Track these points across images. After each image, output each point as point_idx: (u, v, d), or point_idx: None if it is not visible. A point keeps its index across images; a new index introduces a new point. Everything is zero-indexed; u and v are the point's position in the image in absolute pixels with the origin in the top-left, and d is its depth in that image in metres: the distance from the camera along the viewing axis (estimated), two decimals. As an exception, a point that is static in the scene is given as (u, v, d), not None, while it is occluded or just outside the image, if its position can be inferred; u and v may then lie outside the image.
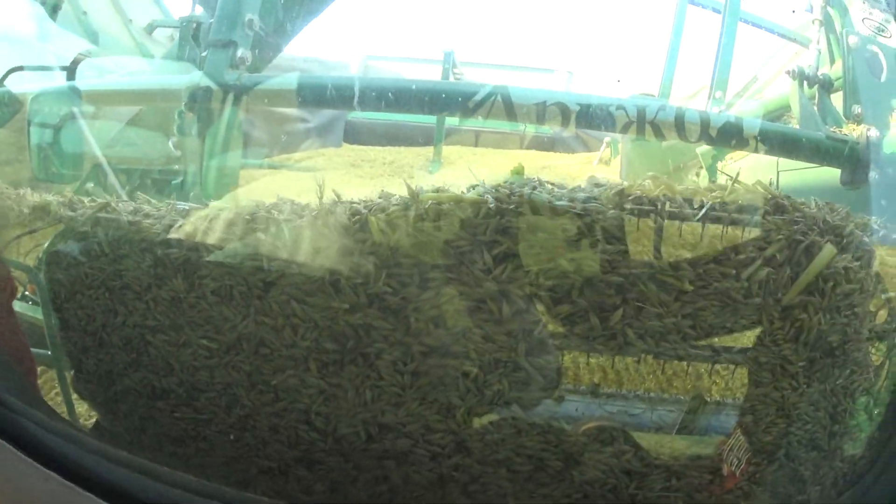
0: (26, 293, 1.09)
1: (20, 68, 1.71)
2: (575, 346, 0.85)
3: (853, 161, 1.21)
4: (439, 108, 1.37)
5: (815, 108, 1.30)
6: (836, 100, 1.33)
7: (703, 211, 0.80)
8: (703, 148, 1.53)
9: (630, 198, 0.77)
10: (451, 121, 1.94)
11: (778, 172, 1.25)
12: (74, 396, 1.03)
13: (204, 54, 1.25)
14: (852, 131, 1.26)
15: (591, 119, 1.17)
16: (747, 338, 0.88)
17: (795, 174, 1.24)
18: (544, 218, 0.77)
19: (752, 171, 1.28)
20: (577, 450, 0.82)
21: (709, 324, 0.83)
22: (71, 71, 1.76)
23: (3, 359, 1.02)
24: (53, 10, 1.74)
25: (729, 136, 1.13)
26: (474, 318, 0.79)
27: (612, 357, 0.86)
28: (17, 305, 1.16)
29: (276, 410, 0.85)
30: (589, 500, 0.82)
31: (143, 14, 2.19)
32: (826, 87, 1.34)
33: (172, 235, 0.87)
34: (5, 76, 1.70)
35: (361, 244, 0.79)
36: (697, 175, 1.55)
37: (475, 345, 0.79)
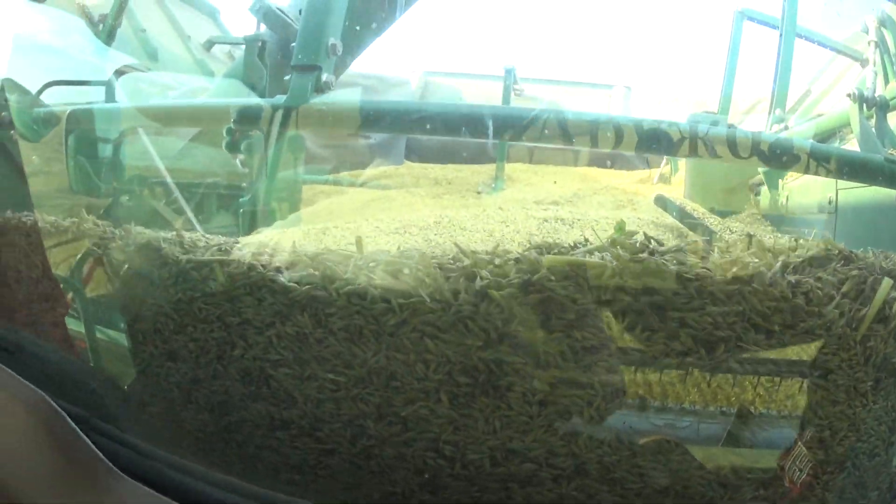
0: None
1: (56, 83, 1.66)
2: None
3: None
4: (493, 132, 1.43)
5: (874, 129, 1.38)
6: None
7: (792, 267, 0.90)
8: (765, 165, 1.60)
9: (736, 267, 0.85)
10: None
11: (837, 191, 1.36)
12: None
13: (287, 78, 1.26)
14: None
15: (644, 140, 1.25)
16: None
17: (852, 192, 1.34)
18: (658, 280, 0.84)
19: (809, 188, 1.39)
20: (684, 465, 0.90)
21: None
22: (110, 86, 1.72)
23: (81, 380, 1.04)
24: (109, 36, 1.69)
25: (781, 157, 1.21)
26: (595, 356, 0.86)
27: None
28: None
29: (405, 440, 0.90)
30: (692, 512, 0.91)
31: (201, 31, 2.15)
32: (883, 108, 1.42)
33: (293, 280, 0.90)
34: (41, 91, 1.66)
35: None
36: (758, 193, 1.64)
37: (597, 377, 0.86)
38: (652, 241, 0.90)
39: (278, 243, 0.98)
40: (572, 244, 0.92)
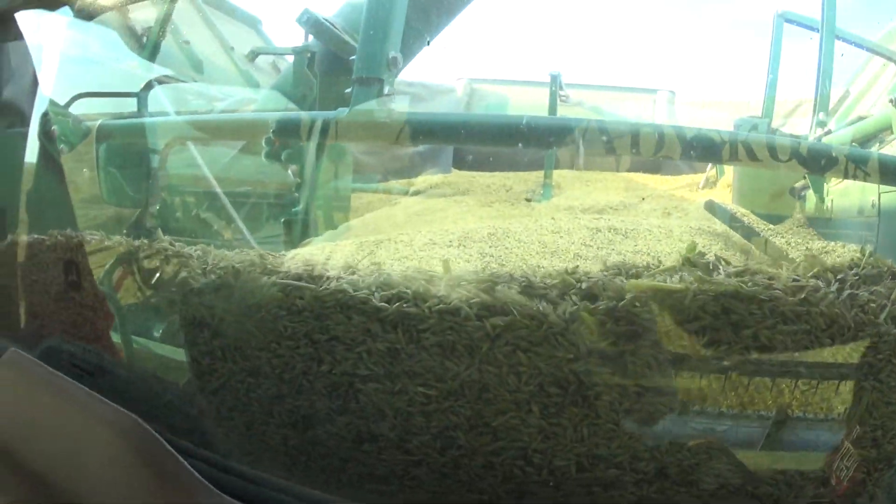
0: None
1: (84, 95, 1.64)
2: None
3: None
4: (537, 142, 1.47)
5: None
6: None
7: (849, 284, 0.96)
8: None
9: (805, 290, 0.90)
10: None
11: (879, 194, 1.42)
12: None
13: (348, 91, 1.28)
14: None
15: (686, 146, 1.30)
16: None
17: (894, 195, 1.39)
18: (735, 302, 0.90)
19: (850, 192, 1.44)
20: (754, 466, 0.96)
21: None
22: (142, 97, 1.71)
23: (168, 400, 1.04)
24: (153, 50, 1.68)
25: (820, 160, 1.27)
26: (675, 367, 0.91)
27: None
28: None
29: (494, 449, 0.93)
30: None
31: (243, 42, 2.13)
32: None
33: (384, 299, 0.93)
34: (70, 102, 1.64)
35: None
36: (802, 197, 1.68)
37: (678, 386, 0.91)
38: (721, 261, 0.95)
39: (358, 262, 1.01)
40: (645, 265, 0.97)
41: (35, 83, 1.49)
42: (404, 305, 0.92)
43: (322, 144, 1.34)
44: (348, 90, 1.28)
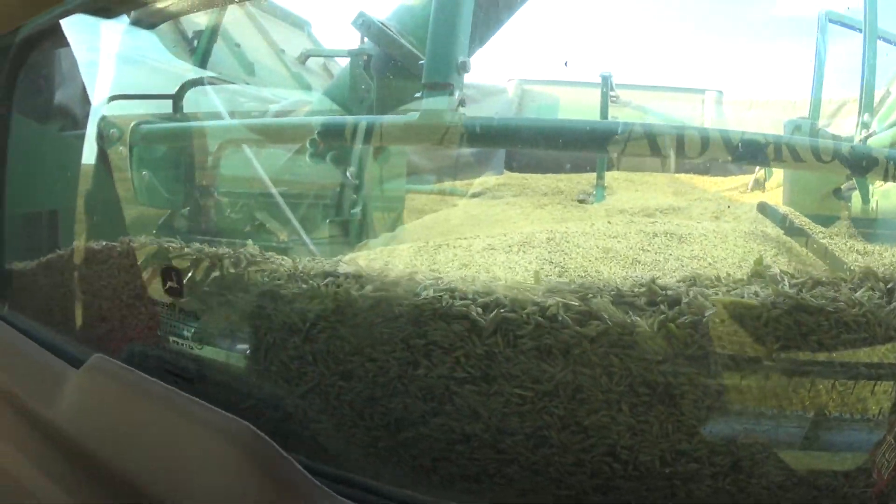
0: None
1: (120, 97, 1.63)
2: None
3: None
4: (584, 146, 1.53)
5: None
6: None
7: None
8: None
9: (864, 302, 0.99)
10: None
11: None
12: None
13: (418, 95, 1.31)
14: None
15: (731, 149, 1.37)
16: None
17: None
18: (805, 315, 0.98)
19: (891, 193, 1.52)
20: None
21: None
22: (177, 99, 1.71)
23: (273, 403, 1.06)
24: (204, 57, 1.68)
25: (861, 162, 1.36)
26: (752, 367, 0.99)
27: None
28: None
29: (584, 447, 0.99)
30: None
31: (293, 44, 2.13)
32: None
33: (480, 304, 0.98)
34: (106, 103, 1.63)
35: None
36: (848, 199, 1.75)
37: (755, 384, 0.99)
38: (786, 276, 1.04)
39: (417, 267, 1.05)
40: (716, 276, 1.05)
41: (83, 88, 1.49)
42: (502, 311, 0.97)
43: (380, 147, 1.37)
44: (418, 94, 1.31)
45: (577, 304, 0.95)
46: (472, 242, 1.32)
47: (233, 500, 0.87)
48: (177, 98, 1.69)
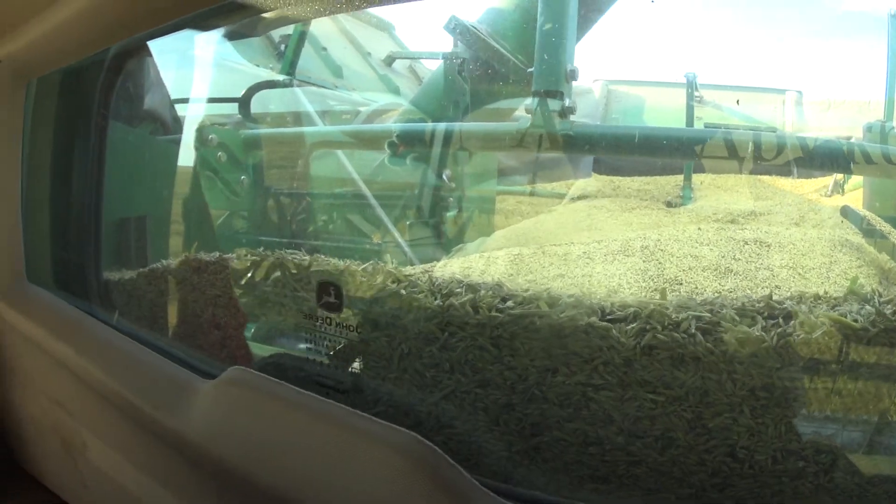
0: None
1: (180, 101, 1.64)
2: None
3: None
4: (670, 152, 1.62)
5: None
6: None
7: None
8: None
9: None
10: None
11: None
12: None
13: (529, 102, 1.37)
14: None
15: (810, 156, 1.49)
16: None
17: None
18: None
19: None
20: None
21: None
22: (244, 102, 1.72)
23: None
24: (292, 61, 1.70)
25: None
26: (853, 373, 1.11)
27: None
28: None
29: (707, 448, 1.08)
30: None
31: (379, 47, 2.14)
32: None
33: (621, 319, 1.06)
34: (169, 106, 1.63)
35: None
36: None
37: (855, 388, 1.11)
38: (876, 293, 1.17)
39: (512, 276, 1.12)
40: (815, 296, 1.17)
41: (167, 95, 1.51)
42: (640, 324, 1.05)
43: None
44: (528, 101, 1.37)
45: (707, 315, 1.05)
46: (569, 249, 1.38)
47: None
48: (243, 101, 1.70)
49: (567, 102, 1.38)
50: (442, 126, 1.41)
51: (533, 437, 1.10)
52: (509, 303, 1.08)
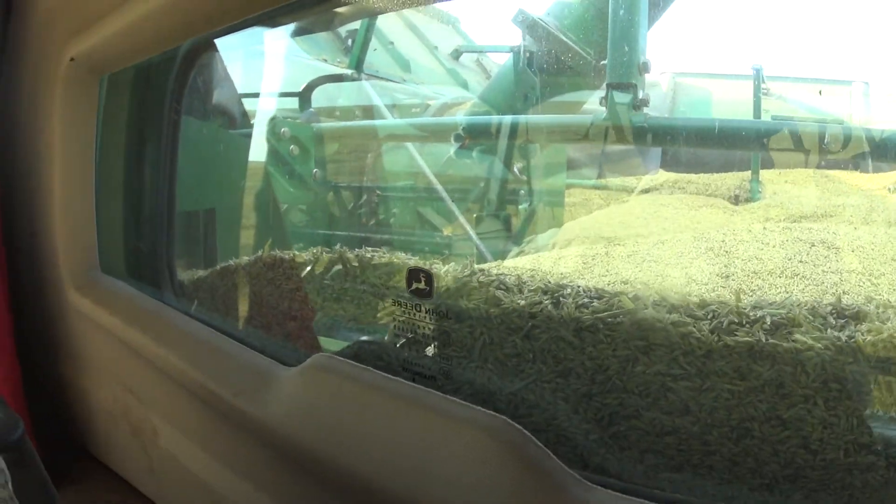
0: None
1: (289, 94, 1.68)
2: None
3: None
4: (739, 143, 1.65)
5: None
6: None
7: None
8: None
9: None
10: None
11: None
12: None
13: (603, 95, 1.40)
14: None
15: (878, 148, 1.52)
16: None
17: None
18: None
19: None
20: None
21: None
22: (304, 96, 1.76)
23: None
24: (359, 56, 1.74)
25: None
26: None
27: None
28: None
29: (782, 439, 1.11)
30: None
31: (445, 41, 2.18)
32: None
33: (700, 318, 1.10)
34: (237, 101, 1.68)
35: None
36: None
37: None
38: None
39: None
40: (884, 303, 1.20)
41: (235, 90, 1.55)
42: (719, 320, 1.09)
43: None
44: (597, 93, 1.41)
45: (783, 311, 1.09)
46: (635, 251, 1.40)
47: (497, 491, 0.91)
48: (303, 95, 1.74)
49: (640, 95, 1.41)
50: (509, 119, 1.45)
51: (611, 425, 1.13)
52: (595, 303, 1.12)
